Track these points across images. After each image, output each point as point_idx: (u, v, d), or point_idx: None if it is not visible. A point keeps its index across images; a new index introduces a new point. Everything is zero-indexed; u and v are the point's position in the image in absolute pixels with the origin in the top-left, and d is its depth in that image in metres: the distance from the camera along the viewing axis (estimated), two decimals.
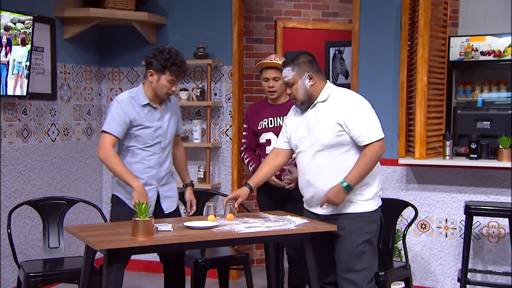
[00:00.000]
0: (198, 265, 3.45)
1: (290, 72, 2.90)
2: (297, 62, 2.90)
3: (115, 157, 3.09)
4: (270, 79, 3.53)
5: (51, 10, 4.33)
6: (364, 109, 2.83)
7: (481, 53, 4.68)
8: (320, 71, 2.96)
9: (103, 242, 2.57)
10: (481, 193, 4.04)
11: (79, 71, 4.66)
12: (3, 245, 3.94)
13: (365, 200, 2.86)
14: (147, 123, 3.16)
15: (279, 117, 3.56)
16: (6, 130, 3.99)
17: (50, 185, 4.36)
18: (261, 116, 3.62)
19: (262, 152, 3.62)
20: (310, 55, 2.95)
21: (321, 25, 5.36)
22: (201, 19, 4.65)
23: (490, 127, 4.03)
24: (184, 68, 3.14)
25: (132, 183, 3.06)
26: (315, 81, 2.89)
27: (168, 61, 3.08)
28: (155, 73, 3.12)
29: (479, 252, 4.07)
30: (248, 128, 3.70)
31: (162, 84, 3.12)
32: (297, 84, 2.89)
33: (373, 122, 2.82)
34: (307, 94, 2.89)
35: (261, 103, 3.74)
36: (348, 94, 2.93)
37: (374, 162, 2.81)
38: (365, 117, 2.81)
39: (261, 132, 3.61)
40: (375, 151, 2.79)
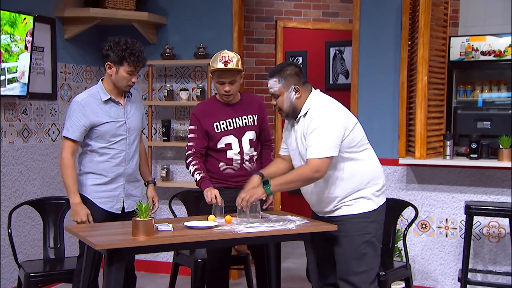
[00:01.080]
0: (198, 265, 3.45)
1: (277, 84, 2.85)
2: (284, 74, 2.84)
3: (69, 168, 3.06)
4: (226, 83, 3.16)
5: (52, 10, 4.33)
6: (322, 124, 2.74)
7: (482, 53, 4.68)
8: (306, 83, 2.89)
9: (103, 242, 2.57)
10: (482, 193, 4.04)
11: (79, 71, 4.66)
12: (4, 245, 3.94)
13: (362, 202, 2.83)
14: (109, 119, 3.10)
15: (238, 118, 3.25)
16: (6, 130, 3.99)
17: (50, 185, 4.36)
18: (216, 117, 3.23)
19: (222, 157, 3.23)
20: (297, 67, 2.90)
21: (322, 25, 5.37)
22: (202, 19, 4.65)
23: (491, 127, 4.03)
24: (142, 58, 3.09)
25: (70, 199, 3.09)
26: (301, 93, 2.85)
27: (125, 52, 3.03)
28: (113, 65, 3.06)
29: (479, 252, 4.07)
30: (197, 130, 3.23)
31: (121, 76, 3.07)
32: (282, 96, 2.86)
33: (321, 139, 2.72)
34: (291, 107, 2.86)
35: (212, 103, 3.30)
36: (318, 107, 2.82)
37: (300, 182, 2.78)
38: (317, 131, 2.73)
39: (220, 136, 3.21)
40: (308, 173, 2.73)
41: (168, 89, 4.64)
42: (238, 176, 3.25)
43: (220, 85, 3.18)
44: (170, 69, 4.75)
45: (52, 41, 4.32)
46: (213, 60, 3.19)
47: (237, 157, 3.24)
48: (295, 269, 4.88)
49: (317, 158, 2.71)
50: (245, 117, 3.28)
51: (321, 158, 2.71)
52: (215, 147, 3.24)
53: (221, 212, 3.04)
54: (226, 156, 3.23)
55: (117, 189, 3.18)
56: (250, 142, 3.27)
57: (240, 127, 3.25)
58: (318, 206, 2.94)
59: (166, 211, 4.57)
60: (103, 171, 3.13)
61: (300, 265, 4.88)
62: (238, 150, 3.24)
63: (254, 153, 3.30)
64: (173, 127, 4.71)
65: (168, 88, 4.65)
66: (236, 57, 3.18)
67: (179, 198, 3.88)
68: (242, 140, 3.25)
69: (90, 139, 3.11)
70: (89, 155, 3.14)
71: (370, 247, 2.83)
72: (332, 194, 2.86)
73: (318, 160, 2.71)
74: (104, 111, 3.09)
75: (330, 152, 2.73)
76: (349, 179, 2.83)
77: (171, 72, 4.76)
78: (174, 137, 4.65)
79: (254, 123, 3.30)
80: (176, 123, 4.74)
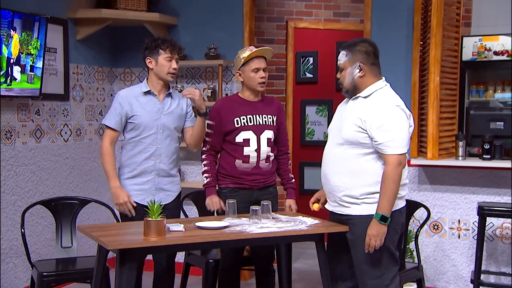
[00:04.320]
0: (209, 265, 3.46)
1: (343, 57, 2.80)
2: (353, 49, 2.78)
3: (107, 154, 3.25)
4: (261, 69, 3.20)
5: (64, 11, 4.36)
6: (392, 119, 2.69)
7: (494, 53, 4.64)
8: (375, 65, 2.79)
9: (116, 242, 2.59)
10: (494, 194, 4.01)
11: (91, 72, 4.69)
12: (17, 245, 3.97)
13: (373, 203, 2.74)
14: (144, 112, 3.23)
15: (258, 115, 3.26)
16: (19, 130, 4.02)
17: (62, 185, 4.39)
18: (237, 112, 3.24)
19: (238, 154, 3.23)
20: (372, 46, 2.79)
21: (332, 25, 5.35)
22: (212, 19, 4.66)
23: (504, 127, 4.00)
24: (176, 43, 3.29)
25: (109, 183, 3.25)
26: (364, 73, 2.76)
27: (158, 41, 3.25)
28: (151, 58, 3.25)
29: (492, 253, 4.04)
30: (215, 125, 3.26)
31: (161, 64, 3.23)
32: (346, 70, 2.79)
33: (398, 135, 2.68)
34: (352, 84, 2.78)
35: (234, 99, 3.33)
36: (386, 98, 2.76)
37: (395, 182, 2.68)
38: (391, 127, 2.67)
39: (239, 130, 3.21)
40: (393, 171, 2.66)
41: (179, 90, 4.65)
42: (253, 174, 3.25)
43: (256, 73, 3.21)
44: (181, 69, 4.77)
45: (64, 42, 4.35)
46: (242, 52, 3.25)
47: (253, 155, 3.24)
48: (306, 269, 4.87)
49: (397, 154, 2.67)
50: (265, 116, 3.28)
51: (398, 154, 2.68)
52: (233, 141, 3.23)
53: (234, 212, 3.04)
54: (243, 152, 3.23)
55: (148, 182, 3.27)
56: (268, 141, 3.27)
57: (260, 125, 3.26)
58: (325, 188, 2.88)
59: None
60: (133, 164, 3.27)
61: (311, 265, 4.87)
62: (255, 147, 3.24)
63: (271, 154, 3.30)
64: None
65: (179, 88, 4.65)
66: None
67: (191, 199, 3.89)
68: (261, 138, 3.25)
69: (126, 131, 3.29)
70: (124, 148, 3.31)
71: (384, 252, 2.76)
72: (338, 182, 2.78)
73: (398, 156, 2.67)
74: (140, 104, 3.24)
75: (406, 148, 2.71)
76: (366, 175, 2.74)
77: (182, 73, 4.77)
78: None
79: (273, 123, 3.31)
80: None
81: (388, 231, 2.73)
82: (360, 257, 2.78)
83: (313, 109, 6.12)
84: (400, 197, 2.80)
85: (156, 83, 3.28)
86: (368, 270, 2.77)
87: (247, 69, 3.22)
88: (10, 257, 3.97)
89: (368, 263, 2.76)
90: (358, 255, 2.79)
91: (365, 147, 2.74)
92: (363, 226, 2.74)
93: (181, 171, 4.73)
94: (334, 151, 2.83)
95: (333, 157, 2.83)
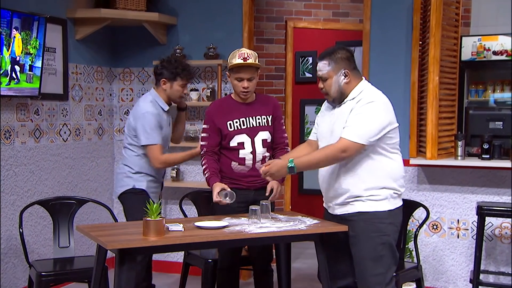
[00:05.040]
0: (208, 265, 3.45)
1: (326, 67, 2.82)
2: (334, 57, 2.80)
3: (170, 156, 3.59)
4: (245, 79, 3.17)
5: (63, 11, 4.36)
6: (367, 111, 2.71)
7: (494, 53, 4.63)
8: (356, 69, 2.85)
9: (115, 242, 2.58)
10: (494, 194, 4.01)
11: (90, 72, 4.69)
12: (16, 245, 3.97)
13: (378, 200, 2.78)
14: (166, 126, 3.63)
15: (252, 117, 3.24)
16: (18, 130, 4.02)
17: (62, 185, 4.39)
18: (229, 116, 3.22)
19: (234, 157, 3.23)
20: (349, 52, 2.84)
21: (332, 25, 5.35)
22: (212, 19, 4.65)
23: (503, 127, 4.00)
24: (192, 72, 3.64)
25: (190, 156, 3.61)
26: (350, 78, 2.80)
27: (178, 69, 3.52)
28: (167, 81, 3.55)
29: (491, 253, 4.04)
30: (209, 129, 3.26)
31: (175, 89, 3.56)
32: (331, 79, 2.81)
33: (361, 125, 2.69)
34: (339, 91, 2.81)
35: (227, 101, 3.31)
36: (369, 95, 2.80)
37: (327, 161, 2.72)
38: (361, 116, 2.70)
39: (232, 135, 3.21)
40: (334, 152, 2.69)
41: None
42: (250, 176, 3.24)
43: (239, 82, 3.19)
44: None
45: (63, 42, 4.35)
46: (231, 57, 3.20)
47: (249, 157, 3.23)
48: (306, 269, 4.87)
49: (349, 140, 2.67)
50: (259, 117, 3.26)
51: (352, 141, 2.67)
52: (228, 146, 3.23)
53: (231, 197, 3.05)
54: (239, 155, 3.22)
55: (159, 186, 3.71)
56: (263, 142, 3.26)
57: (254, 127, 3.24)
58: (328, 193, 2.88)
59: (177, 211, 4.58)
60: (153, 172, 3.59)
61: (310, 265, 4.87)
62: (250, 150, 3.23)
63: (267, 154, 3.28)
64: None
65: None
66: (254, 54, 3.19)
67: (190, 198, 3.89)
68: (255, 140, 3.24)
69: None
70: (145, 158, 3.55)
71: (388, 249, 2.78)
72: (346, 185, 2.79)
73: (349, 141, 2.67)
74: (163, 120, 3.58)
75: (364, 140, 2.68)
76: (369, 174, 2.76)
77: None
78: (185, 138, 4.66)
79: (268, 123, 3.29)
80: (186, 124, 4.74)
81: (392, 229, 2.78)
82: (364, 253, 2.78)
83: (313, 108, 6.13)
84: (400, 194, 2.85)
85: (165, 100, 3.59)
86: (371, 266, 2.77)
87: (232, 75, 3.22)
88: (9, 257, 3.96)
89: (372, 259, 2.77)
90: (360, 252, 2.80)
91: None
92: (366, 223, 2.77)
93: (180, 171, 4.73)
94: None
95: None
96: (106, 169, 4.85)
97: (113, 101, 4.94)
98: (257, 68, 3.21)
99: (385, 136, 2.76)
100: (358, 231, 2.80)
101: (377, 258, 2.76)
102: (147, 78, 4.86)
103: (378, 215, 2.77)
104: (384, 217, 2.78)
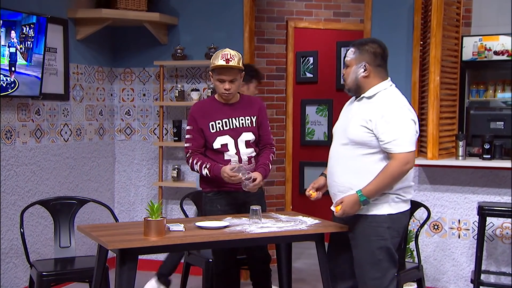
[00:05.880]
0: (209, 265, 3.45)
1: (351, 54, 2.81)
2: (362, 48, 2.79)
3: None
4: (227, 81, 3.10)
5: (64, 11, 4.36)
6: (399, 118, 2.69)
7: (495, 53, 4.63)
8: (382, 67, 2.78)
9: (116, 242, 2.58)
10: (495, 194, 4.01)
11: (91, 72, 4.69)
12: (17, 245, 3.97)
13: (379, 203, 2.74)
14: None
15: (235, 118, 3.18)
16: (19, 130, 4.02)
17: (63, 185, 4.39)
18: (212, 117, 3.16)
19: (219, 159, 3.15)
20: (380, 48, 2.79)
21: (333, 25, 5.35)
22: (213, 19, 4.66)
23: (504, 127, 3.99)
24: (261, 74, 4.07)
25: None
26: (369, 73, 2.76)
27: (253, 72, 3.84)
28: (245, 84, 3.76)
29: (492, 253, 4.03)
30: (193, 130, 3.18)
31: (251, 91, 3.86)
32: (351, 68, 2.80)
33: (405, 133, 2.67)
34: (355, 83, 2.79)
35: (209, 102, 3.24)
36: (392, 98, 2.76)
37: (395, 179, 2.68)
38: (397, 126, 2.67)
39: (215, 136, 3.14)
40: (398, 167, 2.66)
41: (179, 90, 4.65)
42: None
43: (220, 83, 3.12)
44: (181, 69, 4.77)
45: (64, 42, 4.35)
46: (214, 58, 3.13)
47: (234, 159, 3.17)
48: (306, 269, 4.87)
49: (405, 152, 2.66)
50: (242, 118, 3.21)
51: (409, 152, 2.67)
52: (212, 148, 3.17)
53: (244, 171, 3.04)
54: (224, 157, 3.16)
55: None
56: (246, 143, 3.20)
57: (236, 128, 3.18)
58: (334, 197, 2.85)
59: (178, 211, 4.58)
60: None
61: (310, 265, 4.87)
62: (234, 151, 3.18)
63: (253, 154, 3.24)
64: (184, 128, 4.72)
65: (179, 88, 4.66)
66: (237, 55, 3.12)
67: (190, 198, 3.89)
68: (238, 141, 3.18)
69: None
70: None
71: (385, 253, 2.75)
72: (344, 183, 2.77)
73: (406, 153, 2.66)
74: None
75: (414, 146, 2.70)
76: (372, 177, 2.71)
77: (182, 73, 4.77)
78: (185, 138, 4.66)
79: (252, 124, 3.23)
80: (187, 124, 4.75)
81: (390, 233, 2.74)
82: (362, 257, 2.77)
83: (313, 109, 6.13)
84: (405, 200, 2.79)
85: None
86: (369, 270, 2.76)
87: (214, 76, 3.15)
88: (10, 257, 3.97)
89: (369, 263, 2.75)
90: (360, 255, 2.79)
91: (370, 147, 2.73)
92: (365, 226, 2.75)
93: (181, 171, 4.74)
94: (339, 151, 2.82)
95: (338, 157, 2.83)
96: (107, 169, 4.85)
97: (114, 101, 4.94)
98: (240, 70, 3.15)
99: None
100: (357, 233, 2.79)
101: (375, 262, 2.74)
102: (148, 78, 4.86)
103: (377, 218, 2.75)
104: (383, 221, 2.74)
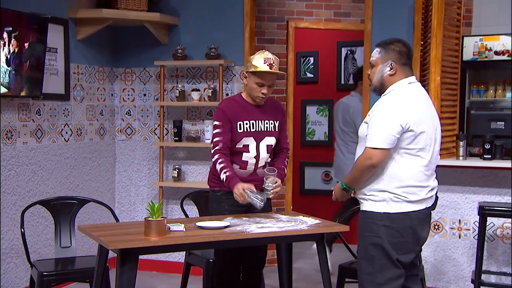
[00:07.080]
0: (210, 265, 3.45)
1: (377, 54, 2.83)
2: (387, 47, 2.81)
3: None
4: (266, 86, 3.09)
5: (65, 11, 4.37)
6: (381, 115, 2.71)
7: (495, 53, 4.63)
8: (407, 65, 2.80)
9: (116, 242, 2.59)
10: (495, 194, 4.00)
11: (92, 72, 4.69)
12: (18, 245, 3.98)
13: (376, 201, 2.75)
14: None
15: (261, 121, 3.17)
16: (20, 130, 4.03)
17: (63, 185, 4.39)
18: (241, 116, 3.13)
19: (236, 159, 3.13)
20: (405, 47, 2.81)
21: (333, 25, 5.35)
22: (213, 19, 4.66)
23: (504, 127, 3.99)
24: None
25: None
26: (395, 72, 2.78)
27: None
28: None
29: (493, 253, 4.03)
30: (222, 125, 3.11)
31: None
32: (376, 67, 2.82)
33: (379, 130, 2.68)
34: (381, 82, 2.81)
35: (238, 100, 3.20)
36: (393, 96, 2.78)
37: (359, 171, 2.73)
38: (376, 121, 2.71)
39: (242, 136, 3.12)
40: (361, 160, 2.71)
41: (179, 90, 4.66)
42: (249, 181, 3.12)
43: (259, 87, 3.09)
44: (182, 69, 4.77)
45: (65, 42, 4.35)
46: (255, 60, 3.09)
47: (252, 161, 3.17)
48: (307, 269, 4.87)
49: (371, 148, 2.69)
50: (267, 122, 3.21)
51: (374, 148, 2.68)
52: (234, 147, 3.13)
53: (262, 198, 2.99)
54: (241, 158, 3.15)
55: None
56: (267, 147, 3.20)
57: (261, 131, 3.18)
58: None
59: (178, 211, 4.58)
60: None
61: (311, 265, 4.87)
62: (254, 154, 3.17)
63: (269, 160, 3.25)
64: (184, 128, 4.73)
65: (179, 88, 4.66)
66: (277, 60, 3.14)
67: (191, 198, 3.89)
68: (260, 144, 3.18)
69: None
70: None
71: (379, 251, 2.73)
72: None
73: (371, 149, 2.68)
74: None
75: (384, 145, 2.67)
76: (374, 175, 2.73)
77: (182, 73, 4.78)
78: (186, 138, 4.67)
79: (275, 129, 3.24)
80: (187, 124, 4.75)
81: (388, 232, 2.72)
82: (358, 250, 2.83)
83: (314, 109, 6.13)
84: (409, 201, 2.73)
85: None
86: (363, 264, 2.80)
87: (253, 78, 3.10)
88: (10, 257, 3.97)
89: (363, 258, 2.80)
90: (358, 248, 2.83)
91: None
92: (363, 221, 2.78)
93: (181, 171, 4.74)
94: (356, 149, 2.89)
95: (353, 155, 2.90)
96: (108, 169, 4.85)
97: (115, 101, 4.94)
98: (280, 75, 3.17)
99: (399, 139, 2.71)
100: (358, 228, 2.83)
101: (368, 258, 2.77)
102: (148, 78, 4.87)
103: (373, 215, 2.76)
104: (378, 219, 2.73)
